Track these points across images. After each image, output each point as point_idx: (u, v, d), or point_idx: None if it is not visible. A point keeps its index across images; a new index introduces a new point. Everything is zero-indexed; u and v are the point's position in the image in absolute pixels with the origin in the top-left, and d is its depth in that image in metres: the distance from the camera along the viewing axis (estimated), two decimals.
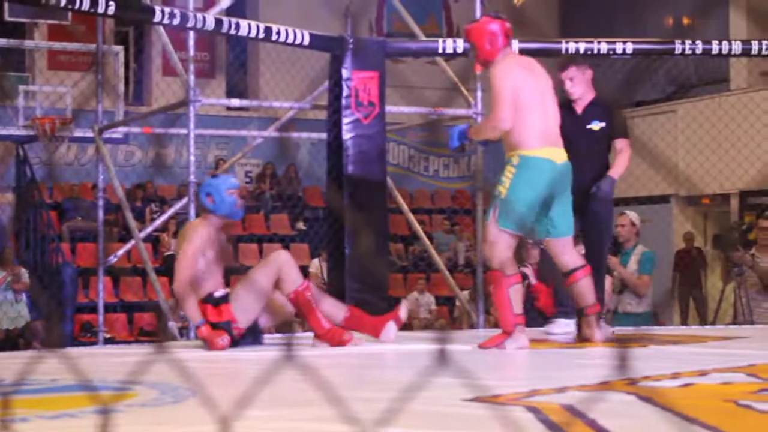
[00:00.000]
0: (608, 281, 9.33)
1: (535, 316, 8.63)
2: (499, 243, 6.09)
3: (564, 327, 7.12)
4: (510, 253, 6.15)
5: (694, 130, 16.78)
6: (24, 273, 14.02)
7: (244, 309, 6.29)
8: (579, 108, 7.10)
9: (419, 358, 5.65)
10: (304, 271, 16.76)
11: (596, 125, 7.05)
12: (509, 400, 3.74)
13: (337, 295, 8.90)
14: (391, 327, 6.51)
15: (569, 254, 6.31)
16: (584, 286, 6.29)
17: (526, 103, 6.04)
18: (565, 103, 7.05)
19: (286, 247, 17.88)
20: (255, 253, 17.46)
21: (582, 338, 6.36)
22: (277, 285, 6.32)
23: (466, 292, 12.14)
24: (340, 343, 6.27)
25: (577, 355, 6.01)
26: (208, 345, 6.20)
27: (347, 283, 8.89)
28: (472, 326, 10.98)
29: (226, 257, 6.55)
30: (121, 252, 11.21)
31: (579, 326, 6.45)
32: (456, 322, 15.44)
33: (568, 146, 7.06)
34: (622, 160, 7.05)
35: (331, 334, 6.33)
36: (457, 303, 14.38)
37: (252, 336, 6.41)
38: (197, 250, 6.32)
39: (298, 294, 6.28)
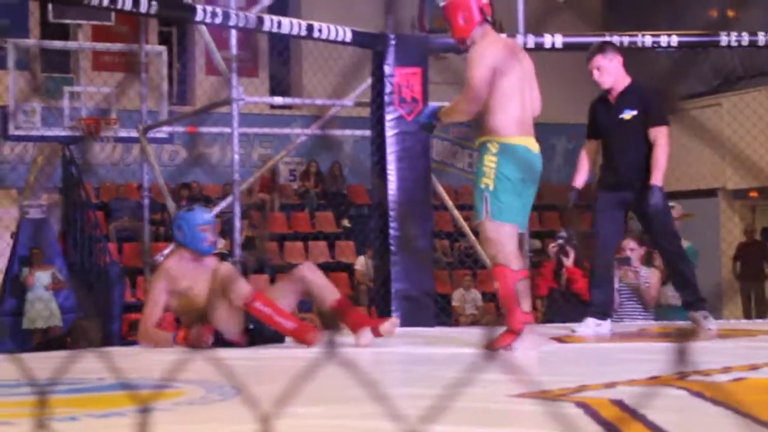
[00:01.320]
0: (656, 275, 9.25)
1: (575, 302, 8.53)
2: (500, 238, 5.66)
3: (594, 327, 6.83)
4: (514, 247, 5.72)
5: (740, 123, 16.62)
6: (57, 272, 14.21)
7: (226, 326, 6.25)
8: (612, 98, 6.84)
9: (468, 356, 5.60)
10: (350, 268, 16.81)
11: (628, 114, 6.75)
12: (557, 396, 3.70)
13: (383, 292, 8.92)
14: (366, 333, 6.17)
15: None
16: (521, 290, 5.81)
17: (508, 88, 5.67)
18: (603, 95, 6.90)
19: (331, 245, 17.93)
20: (300, 251, 17.47)
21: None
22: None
23: None
24: (305, 343, 6.05)
25: (624, 350, 5.96)
26: (196, 344, 6.20)
27: (393, 280, 8.88)
28: None
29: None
30: (167, 251, 11.24)
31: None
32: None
33: (605, 138, 6.95)
34: (658, 156, 6.66)
35: (296, 333, 6.14)
36: None
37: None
38: (154, 301, 6.42)
39: (247, 306, 6.13)
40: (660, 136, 6.70)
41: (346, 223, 18.39)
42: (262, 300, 6.17)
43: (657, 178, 6.66)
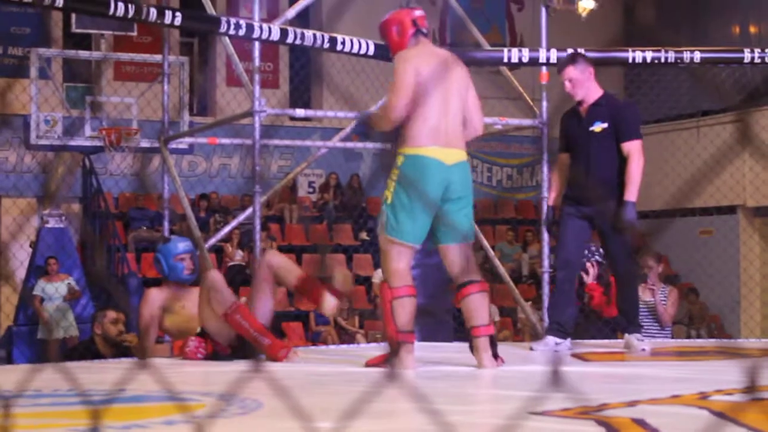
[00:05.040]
0: (674, 294, 9.17)
1: (594, 319, 8.46)
2: (388, 254, 5.56)
3: (553, 345, 6.67)
4: (400, 265, 5.55)
5: (763, 139, 16.53)
6: (74, 282, 14.26)
7: (217, 333, 6.32)
8: (583, 110, 6.72)
9: (486, 373, 5.58)
10: (368, 282, 16.79)
11: (598, 126, 6.61)
12: (579, 414, 3.69)
13: None
14: (329, 299, 6.18)
15: (461, 266, 5.70)
16: (475, 303, 5.63)
17: (424, 98, 5.52)
18: (574, 107, 6.79)
19: (350, 258, 17.93)
20: (319, 264, 17.47)
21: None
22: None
23: (529, 303, 12.07)
24: (276, 359, 6.06)
25: (645, 369, 5.94)
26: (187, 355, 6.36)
27: None
28: (535, 337, 10.90)
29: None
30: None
31: (471, 350, 5.66)
32: (519, 333, 15.36)
33: (574, 151, 6.81)
34: (632, 171, 6.53)
35: (269, 349, 6.16)
36: (521, 314, 14.30)
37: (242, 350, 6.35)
38: (146, 324, 6.74)
39: (226, 317, 6.18)
40: (633, 150, 6.58)
41: (364, 235, 18.39)
42: (242, 313, 6.21)
43: (631, 194, 6.52)
